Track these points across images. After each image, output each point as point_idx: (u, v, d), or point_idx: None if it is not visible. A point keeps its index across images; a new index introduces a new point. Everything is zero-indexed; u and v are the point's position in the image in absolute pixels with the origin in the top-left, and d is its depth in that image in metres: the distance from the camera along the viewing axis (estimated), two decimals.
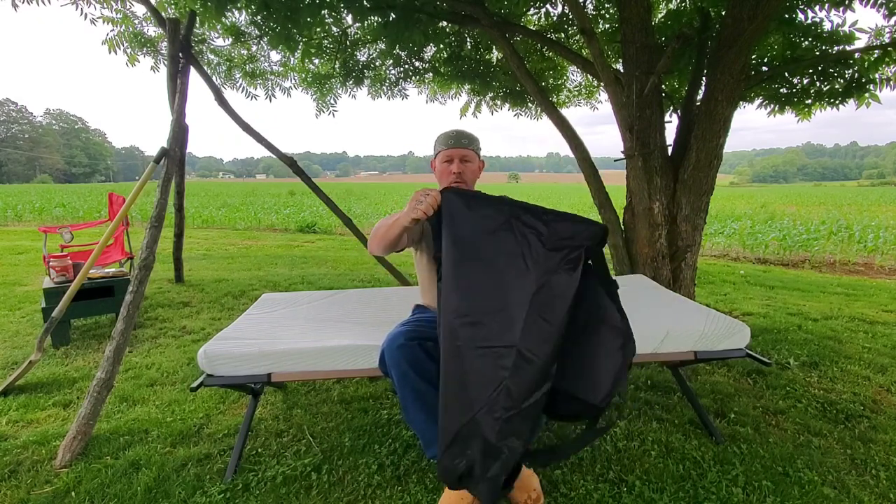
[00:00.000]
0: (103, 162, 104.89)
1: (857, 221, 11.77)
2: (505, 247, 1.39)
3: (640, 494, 1.59)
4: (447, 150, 1.72)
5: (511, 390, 1.25)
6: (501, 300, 1.33)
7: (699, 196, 2.90)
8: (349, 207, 15.27)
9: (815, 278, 6.24)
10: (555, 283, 1.35)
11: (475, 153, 1.75)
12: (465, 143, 1.72)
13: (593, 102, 5.07)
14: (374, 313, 2.12)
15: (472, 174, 1.75)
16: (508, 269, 1.36)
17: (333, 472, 1.73)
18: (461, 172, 1.71)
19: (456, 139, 1.72)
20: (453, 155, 1.71)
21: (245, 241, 9.16)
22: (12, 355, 2.87)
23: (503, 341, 1.28)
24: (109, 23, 3.58)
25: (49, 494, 1.62)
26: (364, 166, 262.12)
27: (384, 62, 4.43)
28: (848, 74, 3.17)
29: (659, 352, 1.77)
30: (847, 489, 1.63)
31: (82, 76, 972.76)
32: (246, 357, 1.65)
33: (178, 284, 4.77)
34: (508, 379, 1.25)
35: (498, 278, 1.36)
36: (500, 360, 1.27)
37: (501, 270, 1.36)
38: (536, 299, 1.33)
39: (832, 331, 3.33)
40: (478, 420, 1.23)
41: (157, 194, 2.37)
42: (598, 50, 2.88)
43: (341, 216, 3.91)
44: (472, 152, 1.73)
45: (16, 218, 13.14)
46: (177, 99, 2.70)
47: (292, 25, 3.01)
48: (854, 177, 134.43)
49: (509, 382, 1.25)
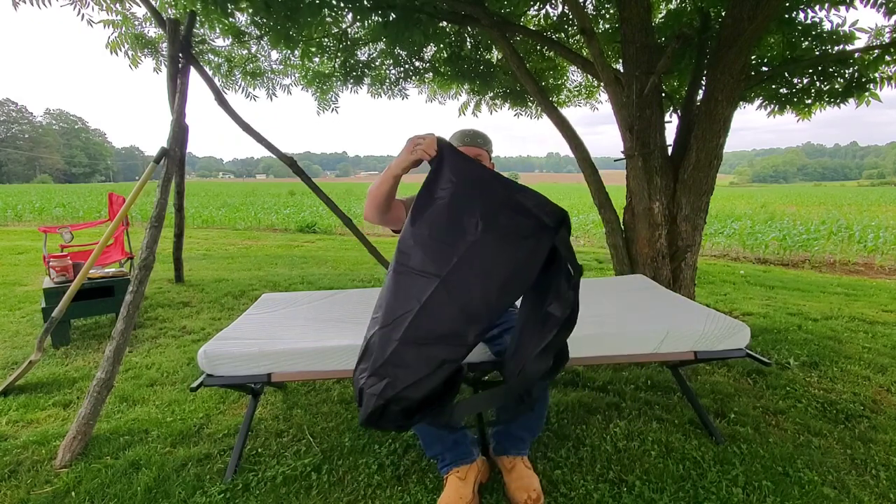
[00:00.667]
0: (103, 162, 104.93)
1: (857, 221, 11.77)
2: (476, 201, 1.38)
3: (640, 494, 1.59)
4: (462, 148, 1.74)
5: (420, 319, 1.27)
6: (449, 240, 1.34)
7: (699, 196, 2.90)
8: (349, 207, 15.24)
9: (815, 278, 6.24)
10: (505, 243, 1.35)
11: (487, 154, 1.79)
12: (480, 143, 1.76)
13: (593, 102, 5.07)
14: None
15: None
16: (469, 218, 1.36)
17: (333, 472, 1.73)
18: None
19: (472, 138, 1.76)
20: (467, 153, 1.73)
21: (245, 241, 9.16)
22: (12, 355, 2.87)
23: (431, 270, 1.31)
24: (110, 25, 3.57)
25: (49, 494, 1.62)
26: (364, 166, 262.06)
27: (384, 62, 4.42)
28: (848, 74, 3.17)
29: (659, 352, 1.76)
30: (847, 489, 1.63)
31: (82, 76, 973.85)
32: (246, 357, 1.65)
33: (178, 284, 4.77)
34: (420, 307, 1.28)
35: (457, 219, 1.36)
36: (421, 285, 1.30)
37: (462, 216, 1.36)
38: (479, 249, 1.33)
39: (832, 331, 3.33)
40: (380, 335, 1.28)
41: (157, 194, 2.37)
42: (598, 50, 2.88)
43: (341, 216, 3.91)
44: (485, 152, 1.77)
45: (16, 218, 13.15)
46: (177, 99, 2.70)
47: (292, 25, 3.01)
48: (854, 177, 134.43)
49: (420, 311, 1.28)
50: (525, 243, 1.35)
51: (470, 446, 1.60)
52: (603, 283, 2.63)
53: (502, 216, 1.36)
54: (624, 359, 1.79)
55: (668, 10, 3.74)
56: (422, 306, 1.28)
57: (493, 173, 1.43)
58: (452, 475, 1.55)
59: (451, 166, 1.40)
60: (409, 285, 1.32)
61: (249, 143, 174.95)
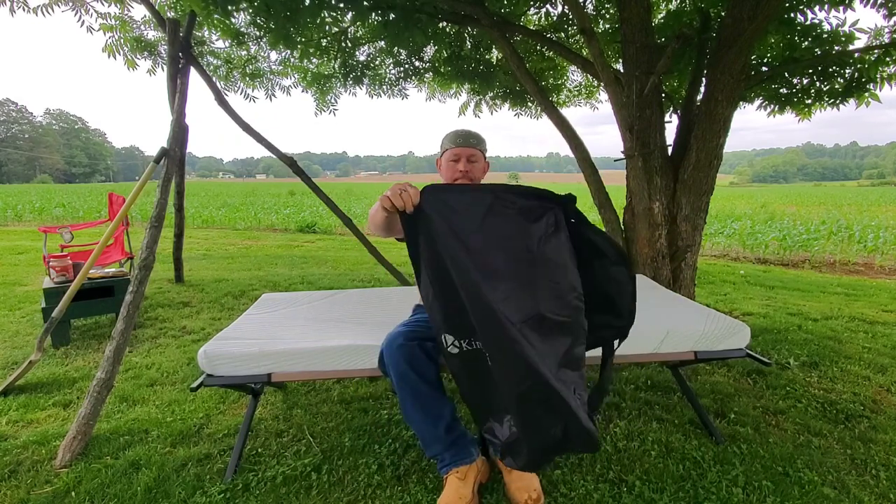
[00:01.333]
0: (103, 162, 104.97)
1: (857, 221, 11.77)
2: (500, 231, 1.40)
3: (640, 494, 1.59)
4: (455, 149, 1.74)
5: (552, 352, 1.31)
6: (516, 277, 1.36)
7: (699, 196, 2.90)
8: (349, 207, 15.26)
9: (815, 278, 6.24)
10: (549, 251, 1.40)
11: (482, 153, 1.77)
12: (474, 143, 1.74)
13: (593, 102, 5.07)
14: (374, 313, 2.12)
15: (478, 172, 1.77)
16: (508, 250, 1.39)
17: (333, 472, 1.73)
18: (468, 171, 1.72)
19: (464, 138, 1.74)
20: (461, 154, 1.73)
21: (245, 241, 9.16)
22: (12, 355, 2.87)
23: (532, 311, 1.33)
24: (109, 31, 3.58)
25: (49, 494, 1.62)
26: (364, 166, 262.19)
27: (384, 62, 4.43)
28: (848, 74, 3.17)
29: (659, 352, 1.76)
30: (847, 489, 1.63)
31: (82, 76, 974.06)
32: (246, 357, 1.65)
33: (178, 284, 4.77)
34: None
35: (505, 257, 1.38)
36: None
37: (503, 251, 1.39)
38: (538, 269, 1.38)
39: (832, 331, 3.33)
40: (545, 382, 1.25)
41: (157, 194, 2.37)
42: (598, 50, 2.88)
43: (341, 216, 3.91)
44: (479, 152, 1.75)
45: (16, 218, 13.15)
46: (177, 99, 2.70)
47: (291, 25, 3.01)
48: (854, 177, 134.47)
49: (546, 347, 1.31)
50: (561, 236, 1.43)
51: (469, 446, 1.60)
52: None
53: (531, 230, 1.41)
54: (624, 359, 1.79)
55: (668, 10, 3.74)
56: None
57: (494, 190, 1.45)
58: (452, 475, 1.54)
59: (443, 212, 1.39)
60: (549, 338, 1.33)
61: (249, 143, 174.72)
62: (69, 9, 3.24)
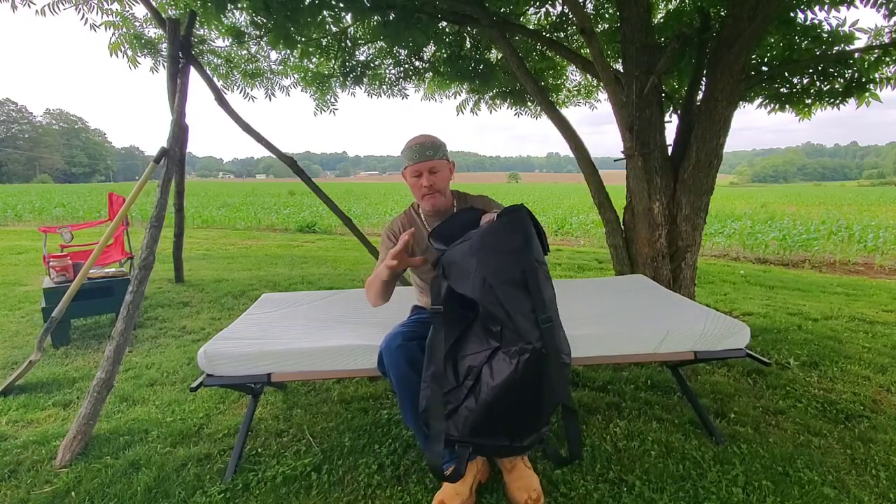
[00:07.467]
0: (103, 162, 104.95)
1: (857, 221, 11.77)
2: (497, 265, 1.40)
3: (640, 494, 1.59)
4: (413, 166, 1.70)
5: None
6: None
7: (699, 196, 2.90)
8: (349, 207, 15.27)
9: (815, 278, 6.24)
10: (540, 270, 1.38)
11: (442, 160, 1.72)
12: (430, 156, 1.69)
13: (593, 102, 5.07)
14: (373, 313, 2.12)
15: (443, 182, 1.74)
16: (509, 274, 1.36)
17: (333, 472, 1.73)
18: (432, 184, 1.70)
19: (420, 153, 1.69)
20: (420, 169, 1.70)
21: (245, 241, 9.16)
22: (12, 355, 2.87)
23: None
24: (111, 27, 3.57)
25: (49, 494, 1.62)
26: (364, 166, 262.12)
27: (384, 61, 4.42)
28: (848, 74, 3.17)
29: (659, 352, 1.76)
30: (847, 489, 1.63)
31: (82, 76, 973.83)
32: (246, 357, 1.65)
33: (178, 284, 4.77)
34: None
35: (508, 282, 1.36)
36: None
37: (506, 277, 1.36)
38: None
39: (832, 331, 3.33)
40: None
41: (157, 194, 2.37)
42: (597, 50, 2.88)
43: (341, 216, 3.91)
44: (438, 162, 1.70)
45: (16, 218, 13.14)
46: (177, 99, 2.69)
47: (292, 25, 3.01)
48: (854, 177, 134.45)
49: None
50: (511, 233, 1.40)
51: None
52: (603, 283, 2.63)
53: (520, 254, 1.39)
54: (624, 359, 1.79)
55: (668, 10, 3.74)
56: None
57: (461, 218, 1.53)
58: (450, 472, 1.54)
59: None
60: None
61: (249, 143, 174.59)
62: (71, 6, 3.24)
